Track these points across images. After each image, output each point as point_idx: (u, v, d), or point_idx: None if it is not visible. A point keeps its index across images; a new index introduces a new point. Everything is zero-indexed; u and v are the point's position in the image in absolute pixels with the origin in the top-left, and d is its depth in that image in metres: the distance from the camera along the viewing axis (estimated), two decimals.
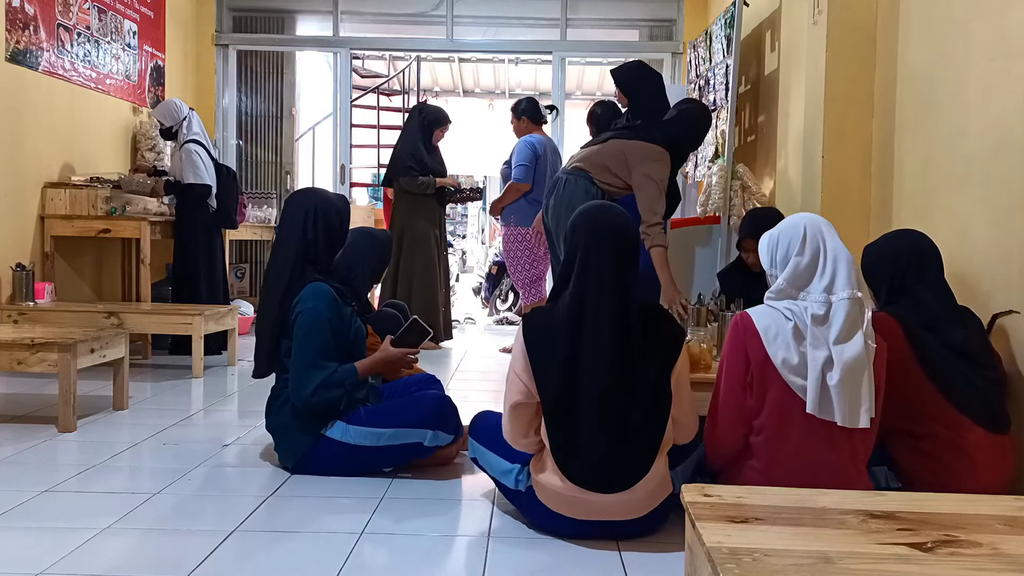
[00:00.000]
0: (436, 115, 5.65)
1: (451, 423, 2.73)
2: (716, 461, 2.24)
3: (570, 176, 3.81)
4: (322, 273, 2.75)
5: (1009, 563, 1.27)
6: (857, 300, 2.02)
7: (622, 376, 2.09)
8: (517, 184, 5.34)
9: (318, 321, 2.64)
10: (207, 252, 5.08)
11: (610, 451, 2.09)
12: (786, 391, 2.04)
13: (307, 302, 2.65)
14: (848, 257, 2.06)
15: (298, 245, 2.73)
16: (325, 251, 2.79)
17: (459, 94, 13.02)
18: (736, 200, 4.79)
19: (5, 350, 3.20)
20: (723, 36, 5.01)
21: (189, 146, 4.94)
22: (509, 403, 2.17)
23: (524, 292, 5.54)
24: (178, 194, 5.02)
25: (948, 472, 2.20)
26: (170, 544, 2.14)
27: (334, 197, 2.90)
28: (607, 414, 2.09)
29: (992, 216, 2.63)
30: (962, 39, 2.87)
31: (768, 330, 2.05)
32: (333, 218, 2.80)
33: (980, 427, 2.23)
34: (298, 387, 2.62)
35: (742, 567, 1.21)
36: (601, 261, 2.13)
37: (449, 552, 2.17)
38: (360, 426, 2.65)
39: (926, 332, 2.29)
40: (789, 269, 2.08)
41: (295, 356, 2.65)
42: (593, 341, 2.10)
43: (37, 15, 4.66)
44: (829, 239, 2.08)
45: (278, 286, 2.72)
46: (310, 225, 2.75)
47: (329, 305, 2.67)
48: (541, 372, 2.11)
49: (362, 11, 7.14)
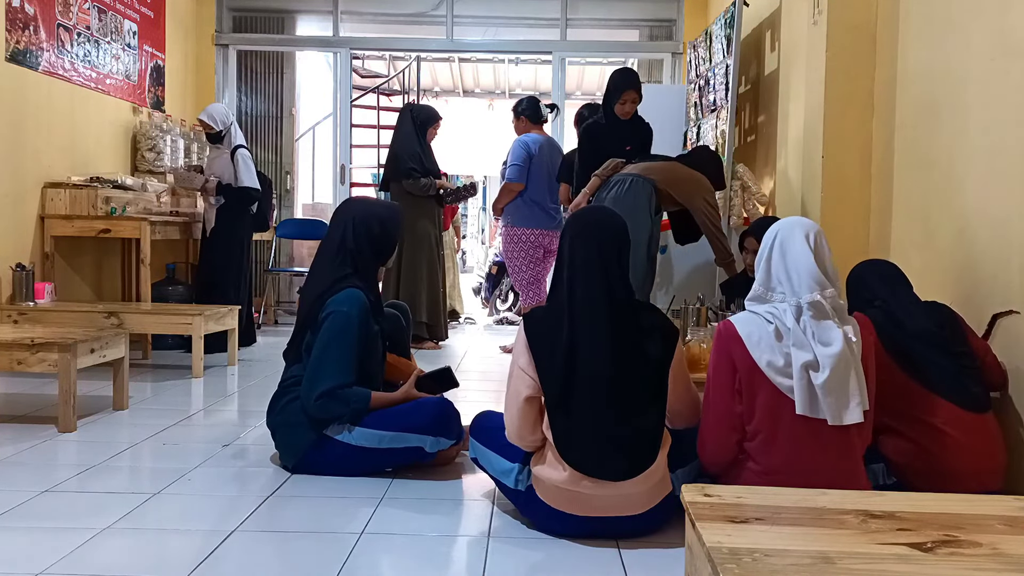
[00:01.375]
0: (427, 113, 5.66)
1: (453, 429, 2.73)
2: (712, 468, 2.26)
3: (637, 178, 4.00)
4: (364, 282, 2.77)
5: (1009, 563, 1.27)
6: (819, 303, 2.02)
7: (620, 363, 2.13)
8: (510, 184, 5.34)
9: (348, 326, 2.64)
10: (242, 254, 5.25)
11: (611, 437, 2.11)
12: (776, 393, 2.05)
13: (342, 305, 2.65)
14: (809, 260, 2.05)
15: (333, 251, 2.78)
16: (370, 258, 2.82)
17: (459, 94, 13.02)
18: (736, 200, 4.80)
19: (5, 350, 3.20)
20: (723, 36, 5.01)
21: (243, 151, 5.18)
22: (518, 399, 2.19)
23: (524, 292, 5.54)
24: (229, 197, 5.14)
25: (933, 457, 2.27)
26: (170, 544, 2.14)
27: (378, 206, 2.93)
28: (607, 400, 2.12)
29: (992, 216, 2.63)
30: (962, 39, 2.87)
31: (751, 335, 2.08)
32: (374, 226, 2.81)
33: (955, 406, 2.29)
34: (310, 387, 2.62)
35: (742, 567, 1.21)
36: (586, 253, 2.20)
37: (449, 552, 2.17)
38: (363, 427, 2.65)
39: (895, 328, 2.39)
40: (760, 273, 2.15)
41: (315, 356, 2.64)
42: (588, 329, 2.14)
43: (37, 15, 4.66)
44: (795, 243, 2.08)
45: (319, 286, 2.74)
46: (349, 234, 2.78)
47: (361, 314, 2.67)
48: (543, 364, 2.15)
49: (362, 11, 7.14)
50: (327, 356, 2.63)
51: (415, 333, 4.93)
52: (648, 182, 3.99)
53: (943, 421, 2.29)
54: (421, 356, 5.04)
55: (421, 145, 5.53)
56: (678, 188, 4.04)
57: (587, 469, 2.11)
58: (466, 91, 12.95)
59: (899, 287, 2.58)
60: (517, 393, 2.19)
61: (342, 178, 6.95)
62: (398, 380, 2.96)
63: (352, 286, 2.71)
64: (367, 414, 2.66)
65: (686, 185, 4.07)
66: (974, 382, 2.36)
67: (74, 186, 4.78)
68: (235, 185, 5.13)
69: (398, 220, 2.91)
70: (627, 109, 4.36)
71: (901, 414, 2.34)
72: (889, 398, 2.28)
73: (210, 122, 5.13)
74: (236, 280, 5.21)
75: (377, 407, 2.68)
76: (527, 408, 2.18)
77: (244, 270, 5.30)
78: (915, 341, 2.38)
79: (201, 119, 5.20)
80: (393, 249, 2.93)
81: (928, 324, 2.42)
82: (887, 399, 2.27)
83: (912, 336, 2.39)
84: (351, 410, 2.63)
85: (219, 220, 5.17)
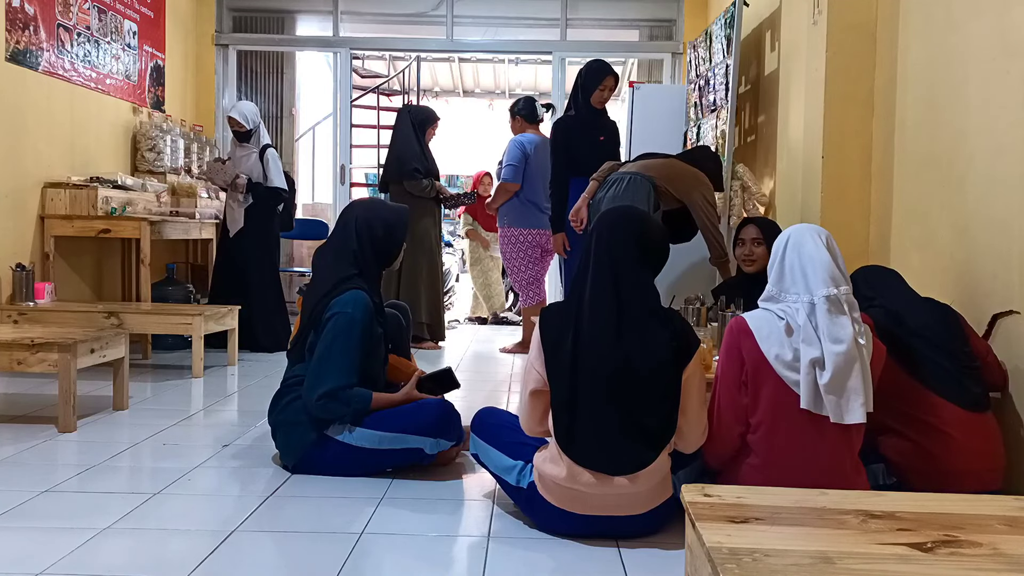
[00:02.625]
0: (425, 114, 5.67)
1: (453, 431, 2.73)
2: (714, 462, 2.27)
3: (635, 176, 3.97)
4: (368, 283, 2.76)
5: (1009, 563, 1.27)
6: (835, 297, 2.05)
7: (626, 356, 2.11)
8: (506, 184, 5.36)
9: (352, 328, 2.64)
10: (272, 253, 5.33)
11: (612, 433, 2.11)
12: (781, 387, 2.07)
13: (347, 306, 2.65)
14: (825, 259, 2.10)
15: (338, 252, 2.78)
16: (373, 261, 2.81)
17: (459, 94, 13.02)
18: (736, 200, 4.80)
19: (5, 350, 3.20)
20: (723, 36, 5.01)
21: (272, 151, 5.25)
22: (526, 392, 2.23)
23: (523, 293, 5.54)
24: (258, 196, 5.19)
25: (933, 457, 2.27)
26: (170, 544, 2.14)
27: (384, 209, 2.92)
28: (608, 397, 2.11)
29: (992, 216, 2.63)
30: (962, 39, 2.87)
31: (761, 329, 2.12)
32: (377, 229, 2.81)
33: (953, 404, 2.29)
34: (312, 386, 2.62)
35: (742, 567, 1.21)
36: (598, 251, 2.20)
37: (449, 552, 2.17)
38: (364, 428, 2.65)
39: (896, 324, 2.39)
40: (774, 275, 2.18)
41: (319, 356, 2.64)
42: (594, 327, 2.14)
43: (37, 15, 4.66)
44: (808, 244, 2.14)
45: (323, 286, 2.74)
46: (352, 236, 2.79)
47: (365, 316, 2.67)
48: (550, 359, 2.17)
49: (362, 11, 7.14)
50: (330, 357, 2.63)
51: (415, 333, 4.94)
52: (647, 180, 3.97)
53: (943, 421, 2.28)
54: (421, 356, 5.05)
55: (421, 146, 5.53)
56: (676, 184, 4.01)
57: (585, 462, 2.12)
58: (466, 91, 12.95)
59: (898, 285, 2.58)
60: (525, 385, 2.23)
61: (342, 178, 6.95)
62: (399, 381, 2.96)
63: (356, 287, 2.71)
64: (368, 415, 2.66)
65: (684, 180, 4.03)
66: (975, 382, 2.36)
67: (74, 186, 4.78)
68: (265, 184, 5.18)
69: (404, 224, 2.89)
70: (605, 96, 4.41)
71: (901, 414, 2.34)
72: (890, 397, 2.28)
73: (241, 120, 5.17)
74: (274, 281, 5.29)
75: (378, 408, 2.68)
76: (533, 401, 2.21)
77: (275, 268, 5.37)
78: (916, 338, 2.37)
79: (232, 116, 5.22)
80: (398, 253, 2.91)
81: (928, 319, 2.42)
82: (886, 396, 2.26)
83: (913, 332, 2.38)
84: (352, 411, 2.63)
85: (249, 220, 5.21)
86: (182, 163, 5.87)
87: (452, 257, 9.10)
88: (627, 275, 2.17)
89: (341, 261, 2.78)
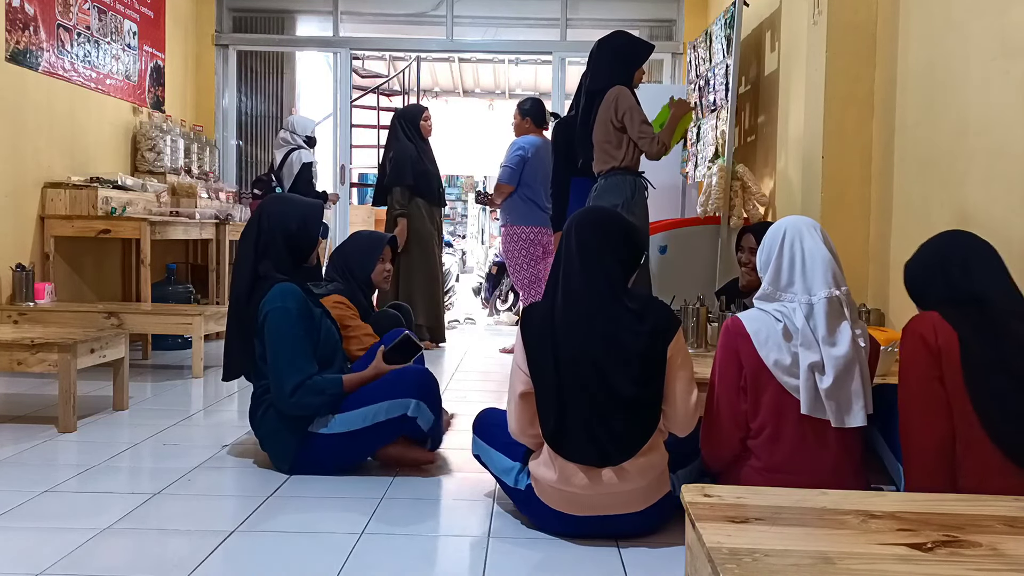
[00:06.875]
0: (412, 112, 5.67)
1: (433, 397, 2.71)
2: (714, 465, 2.25)
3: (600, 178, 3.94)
4: (286, 274, 2.72)
5: (1009, 563, 1.27)
6: (836, 298, 2.03)
7: (603, 339, 2.11)
8: (501, 186, 5.45)
9: (288, 319, 2.61)
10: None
11: (595, 423, 2.10)
12: (781, 392, 2.05)
13: (275, 301, 2.63)
14: (826, 256, 2.06)
15: (252, 247, 2.72)
16: (286, 255, 2.74)
17: (459, 94, 13.03)
18: (736, 200, 4.80)
19: (5, 350, 3.19)
20: (723, 36, 5.01)
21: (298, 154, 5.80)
22: (515, 395, 2.21)
23: (523, 292, 5.54)
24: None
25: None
26: (170, 544, 2.14)
27: (298, 203, 2.85)
28: (590, 386, 2.10)
29: (992, 216, 2.63)
30: (962, 39, 2.87)
31: (759, 333, 2.07)
32: (290, 223, 2.75)
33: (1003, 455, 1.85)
34: (278, 389, 2.60)
35: (742, 567, 1.21)
36: (570, 247, 2.20)
37: (449, 552, 2.17)
38: (344, 413, 2.64)
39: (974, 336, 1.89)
40: (770, 272, 2.13)
41: (271, 358, 2.62)
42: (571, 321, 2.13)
43: (37, 15, 4.66)
44: (808, 240, 2.09)
45: (240, 285, 2.72)
46: (264, 229, 2.73)
47: (298, 304, 2.64)
48: (533, 357, 2.15)
49: (362, 11, 7.14)
50: (281, 355, 2.60)
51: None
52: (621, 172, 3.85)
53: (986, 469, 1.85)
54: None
55: (418, 147, 5.52)
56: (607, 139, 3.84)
57: (575, 456, 2.11)
58: (466, 91, 12.95)
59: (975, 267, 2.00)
60: (513, 389, 2.21)
61: (342, 178, 6.95)
62: (357, 351, 2.95)
63: (278, 280, 2.67)
64: (343, 399, 2.65)
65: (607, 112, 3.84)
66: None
67: (74, 186, 4.78)
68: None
69: (317, 219, 2.84)
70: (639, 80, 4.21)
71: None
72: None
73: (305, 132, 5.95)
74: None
75: (351, 389, 2.67)
76: (522, 404, 2.19)
77: None
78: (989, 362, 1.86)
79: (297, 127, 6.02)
80: (312, 247, 2.83)
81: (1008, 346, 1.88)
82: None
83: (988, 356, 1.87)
84: (328, 397, 2.62)
85: None
86: (182, 163, 5.87)
87: (452, 257, 9.10)
88: (607, 267, 2.17)
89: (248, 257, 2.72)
